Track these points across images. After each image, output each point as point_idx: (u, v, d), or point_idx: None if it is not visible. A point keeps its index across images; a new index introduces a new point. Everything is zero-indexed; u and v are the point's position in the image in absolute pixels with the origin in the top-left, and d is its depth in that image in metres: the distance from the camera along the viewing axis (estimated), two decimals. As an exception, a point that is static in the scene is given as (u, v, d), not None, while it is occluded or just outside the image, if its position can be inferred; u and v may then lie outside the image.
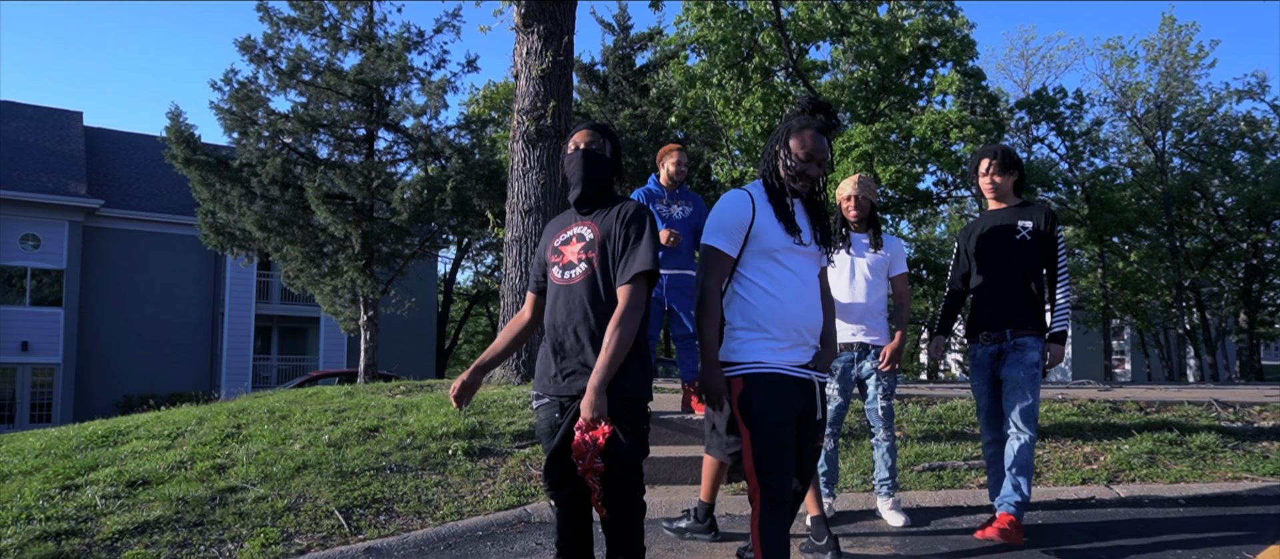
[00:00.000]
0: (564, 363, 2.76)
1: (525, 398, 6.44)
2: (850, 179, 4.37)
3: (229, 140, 12.27)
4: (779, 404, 2.64)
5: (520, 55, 8.19)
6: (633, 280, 2.67)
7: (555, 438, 2.77)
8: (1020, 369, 3.83)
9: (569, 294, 2.78)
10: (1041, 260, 3.91)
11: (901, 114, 20.65)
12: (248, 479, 4.75)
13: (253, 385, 25.30)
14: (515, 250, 7.90)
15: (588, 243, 2.79)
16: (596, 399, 2.55)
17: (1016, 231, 3.92)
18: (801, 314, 2.75)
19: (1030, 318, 3.86)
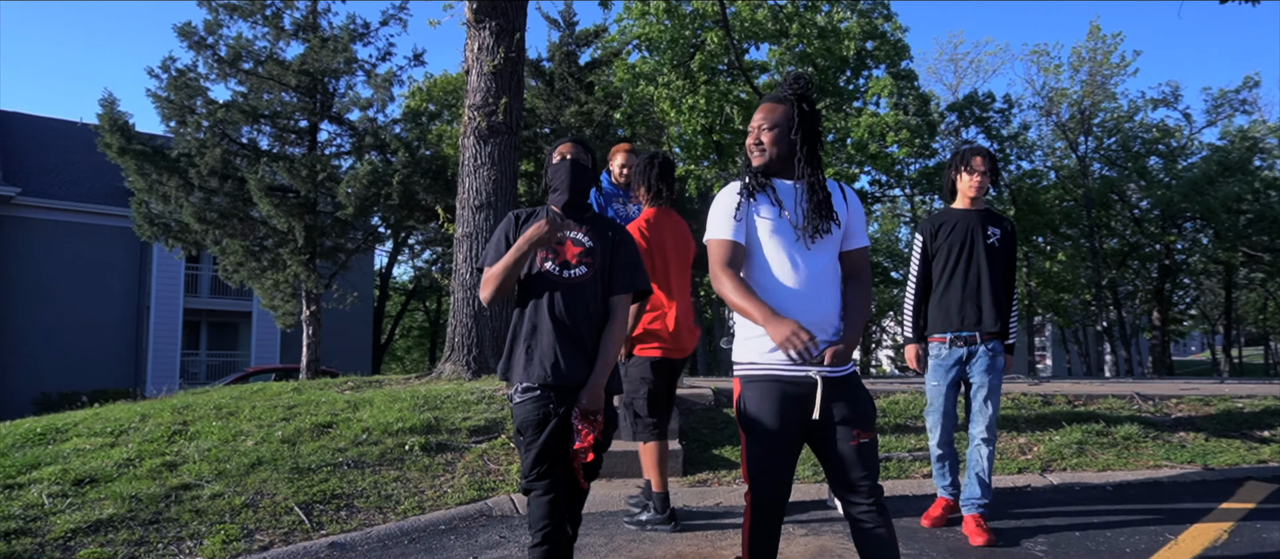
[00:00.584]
0: (568, 356, 2.89)
1: (479, 393, 6.47)
2: None
3: (166, 129, 11.91)
4: (771, 406, 2.49)
5: (472, 51, 8.19)
6: (632, 293, 3.05)
7: (547, 429, 2.86)
8: (995, 375, 3.94)
9: (571, 293, 2.94)
10: (1007, 269, 4.05)
11: (838, 115, 21.12)
12: (201, 476, 4.69)
13: (180, 382, 24.52)
14: (466, 246, 7.91)
15: (587, 249, 2.99)
16: (601, 395, 2.90)
17: (988, 236, 4.03)
18: (799, 307, 2.49)
19: (998, 322, 3.97)
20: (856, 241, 2.66)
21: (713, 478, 5.13)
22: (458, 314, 7.83)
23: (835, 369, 2.51)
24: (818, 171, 2.62)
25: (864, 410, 2.52)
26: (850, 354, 2.53)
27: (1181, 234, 27.08)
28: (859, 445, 2.49)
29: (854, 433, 2.49)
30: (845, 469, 2.50)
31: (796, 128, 2.59)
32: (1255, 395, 7.16)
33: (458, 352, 7.72)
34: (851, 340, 2.55)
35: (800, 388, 2.50)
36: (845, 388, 2.52)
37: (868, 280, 2.67)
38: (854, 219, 2.66)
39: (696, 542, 3.99)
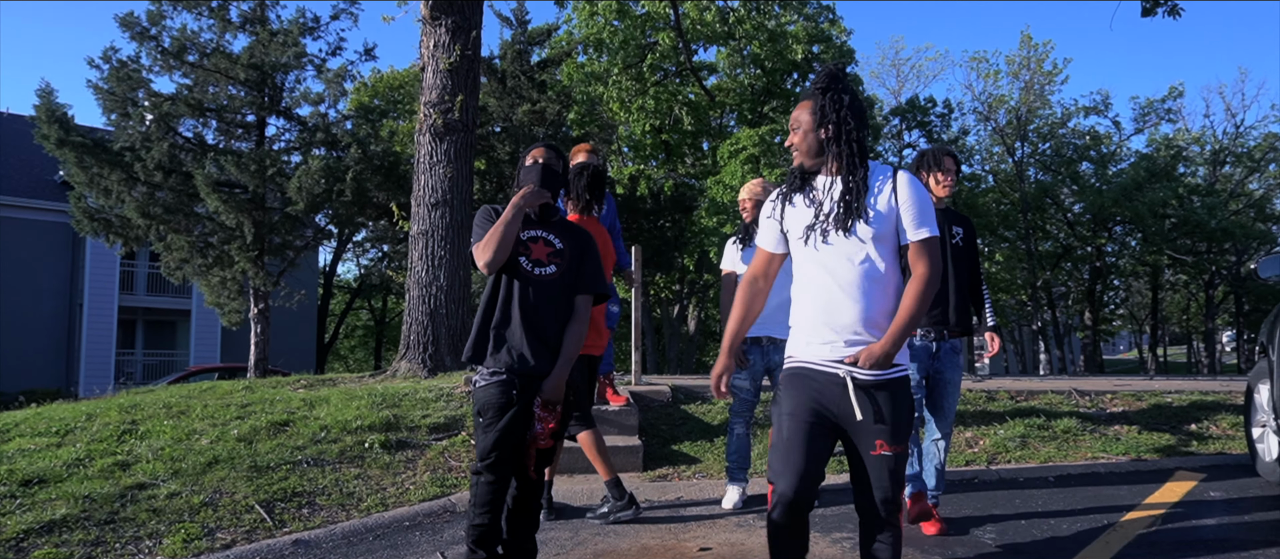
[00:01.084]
0: (535, 346, 3.11)
1: (437, 391, 6.46)
2: (746, 184, 4.73)
3: (107, 122, 11.52)
4: (796, 399, 2.44)
5: (427, 48, 8.16)
6: (593, 293, 3.24)
7: (507, 413, 3.06)
8: (957, 372, 4.07)
9: (540, 288, 3.16)
10: (971, 267, 4.19)
11: (786, 118, 21.43)
12: (156, 476, 4.62)
13: (116, 382, 23.76)
14: (421, 243, 7.87)
15: (557, 250, 3.23)
16: (562, 387, 3.03)
17: (953, 236, 4.14)
18: (821, 308, 2.45)
19: (962, 320, 4.09)
20: (911, 234, 2.44)
21: (673, 473, 5.23)
22: (413, 312, 7.79)
23: (870, 372, 2.38)
24: (852, 165, 2.46)
25: (894, 422, 2.38)
26: (883, 357, 2.35)
27: (1112, 237, 28.12)
28: (880, 457, 2.36)
29: (877, 443, 2.36)
30: (860, 479, 2.41)
31: (825, 122, 2.48)
32: (1182, 391, 7.52)
33: (413, 350, 7.68)
34: (887, 342, 2.36)
35: (832, 383, 2.41)
36: (880, 394, 2.39)
37: (922, 277, 2.40)
38: (906, 210, 2.43)
39: (661, 534, 4.08)
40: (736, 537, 4.00)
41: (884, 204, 2.45)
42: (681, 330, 25.29)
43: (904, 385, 2.43)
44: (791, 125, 2.56)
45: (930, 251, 2.43)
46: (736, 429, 4.63)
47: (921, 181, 4.35)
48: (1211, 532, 3.97)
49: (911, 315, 2.37)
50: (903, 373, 2.43)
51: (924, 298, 2.39)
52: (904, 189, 2.46)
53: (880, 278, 2.43)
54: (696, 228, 19.57)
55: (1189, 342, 43.33)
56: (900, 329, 2.36)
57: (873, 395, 2.39)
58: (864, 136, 2.49)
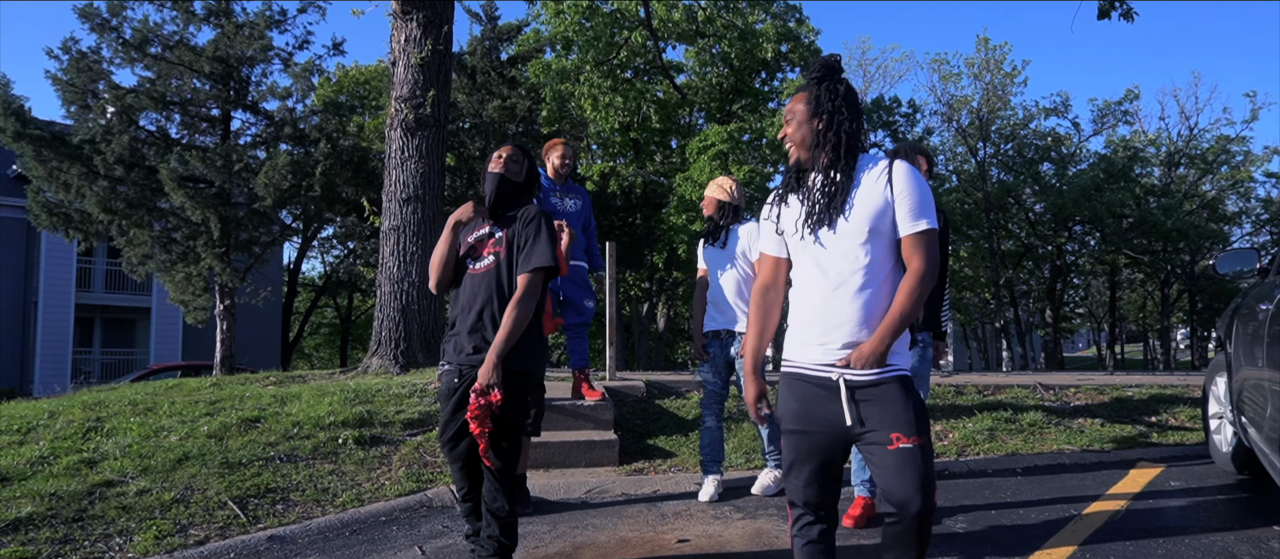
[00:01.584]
0: (470, 338, 3.26)
1: (410, 387, 6.42)
2: (713, 180, 4.80)
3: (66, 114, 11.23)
4: (793, 403, 2.39)
5: (398, 42, 8.10)
6: (531, 271, 3.21)
7: (452, 399, 3.28)
8: (924, 365, 4.07)
9: (477, 281, 3.32)
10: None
11: (754, 116, 21.57)
12: (125, 473, 4.55)
13: (73, 382, 23.23)
14: (392, 239, 7.82)
15: (496, 239, 3.32)
16: (492, 370, 3.09)
17: None
18: (819, 308, 2.35)
19: (928, 316, 4.08)
20: (904, 226, 2.30)
21: (649, 467, 5.25)
22: (384, 308, 7.73)
23: (863, 373, 2.28)
24: (839, 157, 2.35)
25: (904, 414, 2.25)
26: (872, 356, 2.24)
27: (1072, 236, 28.67)
28: (899, 450, 2.22)
29: (892, 437, 2.23)
30: (884, 479, 2.26)
31: (819, 112, 2.38)
32: (1143, 385, 7.71)
33: (385, 346, 7.62)
34: (876, 340, 2.25)
35: (826, 388, 2.33)
36: (879, 392, 2.27)
37: (916, 272, 2.27)
38: (901, 200, 2.30)
39: (639, 526, 4.10)
40: (713, 528, 4.04)
41: (877, 196, 2.32)
42: (651, 328, 25.34)
43: (904, 383, 2.29)
44: (785, 117, 2.47)
45: (927, 245, 2.29)
46: (707, 422, 4.68)
47: None
48: (1174, 518, 4.09)
49: (903, 312, 2.25)
50: (900, 371, 2.30)
51: (918, 295, 2.26)
52: (899, 178, 2.32)
53: (875, 275, 2.31)
54: (666, 225, 19.63)
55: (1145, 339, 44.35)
56: (891, 326, 2.25)
57: (872, 396, 2.27)
58: (857, 128, 2.39)
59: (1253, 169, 28.42)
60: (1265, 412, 3.67)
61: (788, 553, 3.63)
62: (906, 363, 2.34)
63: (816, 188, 2.39)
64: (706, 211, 4.76)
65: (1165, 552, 3.54)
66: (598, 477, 4.96)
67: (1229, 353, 4.64)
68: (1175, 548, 3.58)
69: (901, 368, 2.31)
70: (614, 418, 5.74)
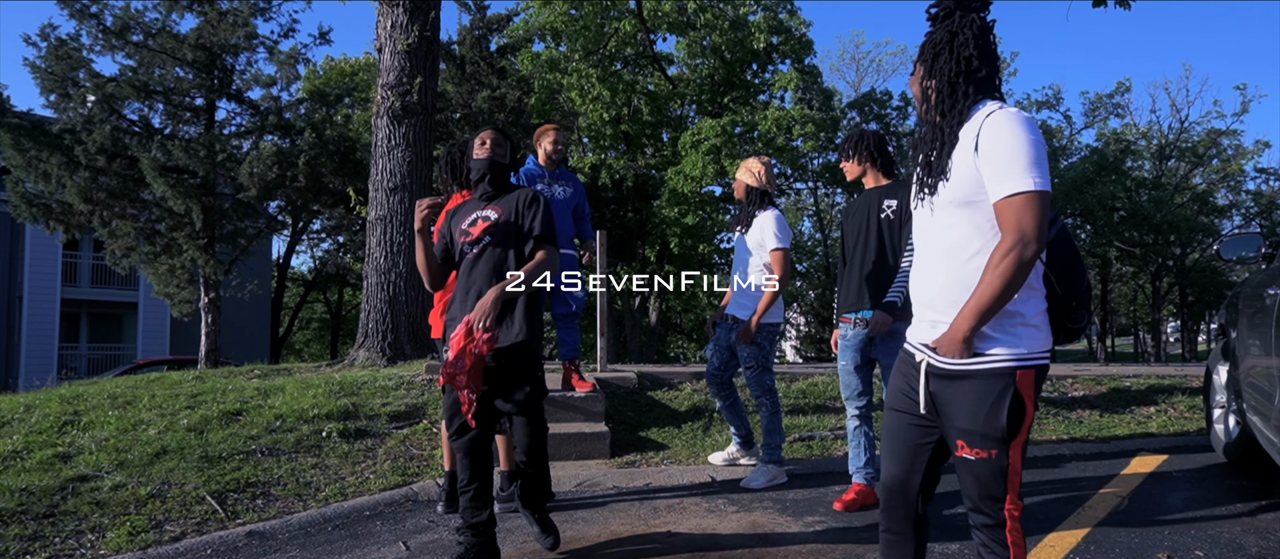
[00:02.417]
0: None
1: (396, 379, 6.29)
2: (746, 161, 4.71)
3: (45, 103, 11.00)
4: (892, 386, 2.23)
5: (384, 29, 7.95)
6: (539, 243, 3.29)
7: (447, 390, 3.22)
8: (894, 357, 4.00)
9: (477, 264, 3.30)
10: (906, 239, 3.94)
11: (746, 109, 21.43)
12: (100, 467, 4.41)
13: (58, 377, 22.98)
14: (379, 229, 7.68)
15: (493, 224, 3.31)
16: (490, 306, 3.06)
17: (882, 210, 3.97)
18: (918, 283, 2.16)
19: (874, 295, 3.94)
20: (992, 188, 1.94)
21: (641, 459, 5.13)
22: (371, 300, 7.59)
23: (945, 360, 2.02)
24: (952, 111, 2.05)
25: (976, 419, 1.96)
26: (952, 341, 1.98)
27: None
28: (963, 461, 2.02)
29: (958, 443, 2.01)
30: (961, 485, 2.06)
31: (940, 54, 2.08)
32: (1139, 376, 7.64)
33: (371, 338, 7.49)
34: (958, 323, 1.96)
35: (913, 367, 2.15)
36: (957, 387, 2.01)
37: (1004, 247, 1.90)
38: (987, 160, 1.94)
39: (630, 520, 3.98)
40: (707, 521, 3.93)
41: (967, 155, 1.99)
42: (643, 322, 25.22)
43: (993, 379, 1.96)
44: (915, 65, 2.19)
45: (1016, 213, 1.89)
46: (718, 404, 4.93)
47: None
48: (1178, 507, 3.99)
49: (984, 294, 1.92)
50: (993, 364, 1.96)
51: (1004, 274, 1.89)
52: (988, 132, 1.95)
53: (968, 249, 2.01)
54: (658, 218, 19.50)
55: (1135, 332, 44.48)
56: (971, 310, 1.94)
57: (950, 389, 2.02)
58: (973, 74, 2.04)
59: (1243, 162, 28.46)
60: (1274, 399, 3.58)
61: (782, 546, 3.52)
62: (1010, 354, 1.96)
63: (920, 148, 2.14)
64: (736, 195, 4.74)
65: (1171, 543, 3.44)
66: (588, 469, 4.84)
67: (1232, 340, 4.55)
68: (1180, 538, 3.49)
69: (994, 358, 1.96)
70: (605, 409, 5.62)
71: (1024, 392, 1.95)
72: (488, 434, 3.25)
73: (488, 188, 3.39)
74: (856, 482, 4.16)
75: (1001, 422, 1.94)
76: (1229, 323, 4.69)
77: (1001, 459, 1.97)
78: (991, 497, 2.00)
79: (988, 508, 2.01)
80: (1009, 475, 1.98)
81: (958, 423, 2.00)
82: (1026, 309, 1.98)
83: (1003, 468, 1.97)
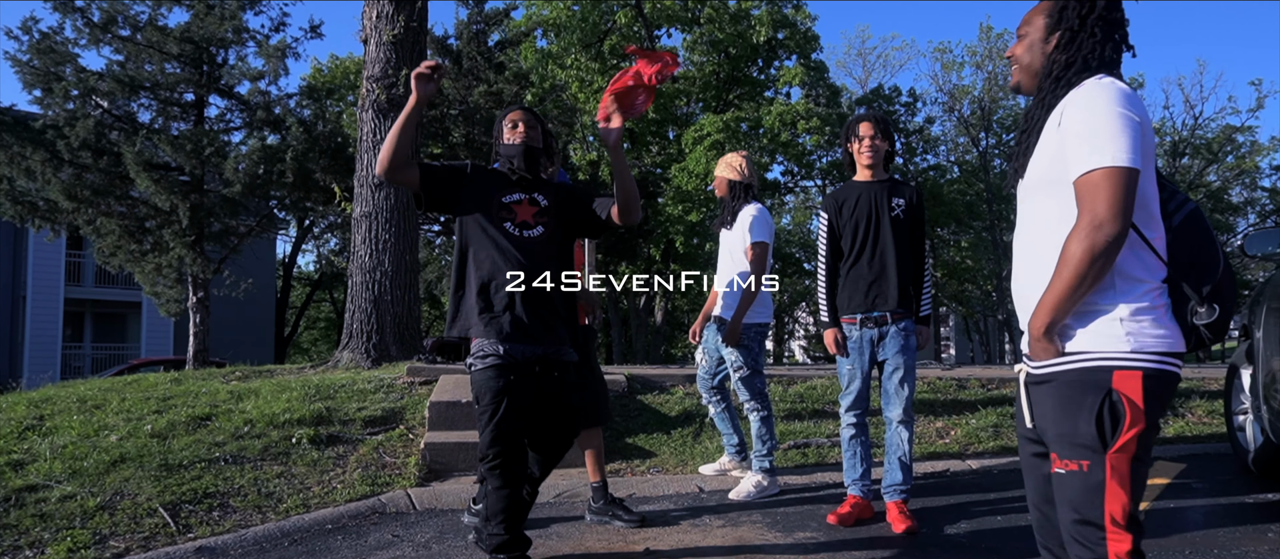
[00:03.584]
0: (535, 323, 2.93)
1: (376, 382, 6.05)
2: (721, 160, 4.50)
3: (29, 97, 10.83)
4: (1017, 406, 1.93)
5: (370, 19, 7.71)
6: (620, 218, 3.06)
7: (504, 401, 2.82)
8: (908, 354, 3.71)
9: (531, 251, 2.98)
10: (913, 240, 3.80)
11: (750, 105, 21.14)
12: (51, 476, 4.17)
13: (62, 376, 22.88)
14: (365, 226, 7.44)
15: (543, 209, 3.06)
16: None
17: (892, 208, 3.77)
18: (1014, 282, 1.90)
19: (908, 300, 3.75)
20: (1072, 165, 1.68)
21: (626, 468, 4.87)
22: (356, 299, 7.36)
23: (1035, 363, 1.77)
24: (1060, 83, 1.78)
25: (1065, 424, 1.69)
26: (1037, 340, 1.74)
27: (1074, 227, 28.23)
28: (1055, 478, 1.73)
29: (1052, 457, 1.74)
30: (1058, 513, 1.76)
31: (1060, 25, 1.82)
32: (1154, 377, 7.32)
33: (356, 339, 7.25)
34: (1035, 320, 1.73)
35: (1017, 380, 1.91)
36: (1044, 391, 1.75)
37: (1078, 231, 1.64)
38: (1069, 137, 1.69)
39: (607, 537, 3.72)
40: (689, 537, 3.66)
41: (1052, 130, 1.75)
42: (648, 321, 24.96)
43: (1078, 379, 1.68)
44: (1018, 34, 1.92)
45: (1089, 192, 1.63)
46: (711, 411, 4.73)
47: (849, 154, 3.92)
48: (1198, 520, 3.71)
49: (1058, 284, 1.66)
50: (1077, 363, 1.68)
51: (1074, 261, 1.64)
52: (1073, 102, 1.71)
53: (1054, 237, 1.74)
54: (662, 216, 19.23)
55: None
56: (1046, 302, 1.69)
57: (1040, 397, 1.77)
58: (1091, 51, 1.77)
59: (1258, 159, 27.96)
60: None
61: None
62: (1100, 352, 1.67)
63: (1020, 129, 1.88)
64: (717, 192, 4.49)
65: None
66: (569, 479, 4.58)
67: (1256, 342, 4.25)
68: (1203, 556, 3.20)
69: (1082, 359, 1.68)
70: (591, 414, 5.35)
71: (1126, 395, 1.63)
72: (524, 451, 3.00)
73: (525, 175, 3.11)
74: (852, 494, 3.89)
75: (1089, 427, 1.65)
76: (1252, 323, 4.39)
77: (1096, 472, 1.65)
78: (1087, 521, 1.66)
79: (1084, 538, 1.67)
80: (1107, 496, 1.64)
81: (1048, 432, 1.74)
82: (1128, 302, 1.68)
83: (1098, 483, 1.64)
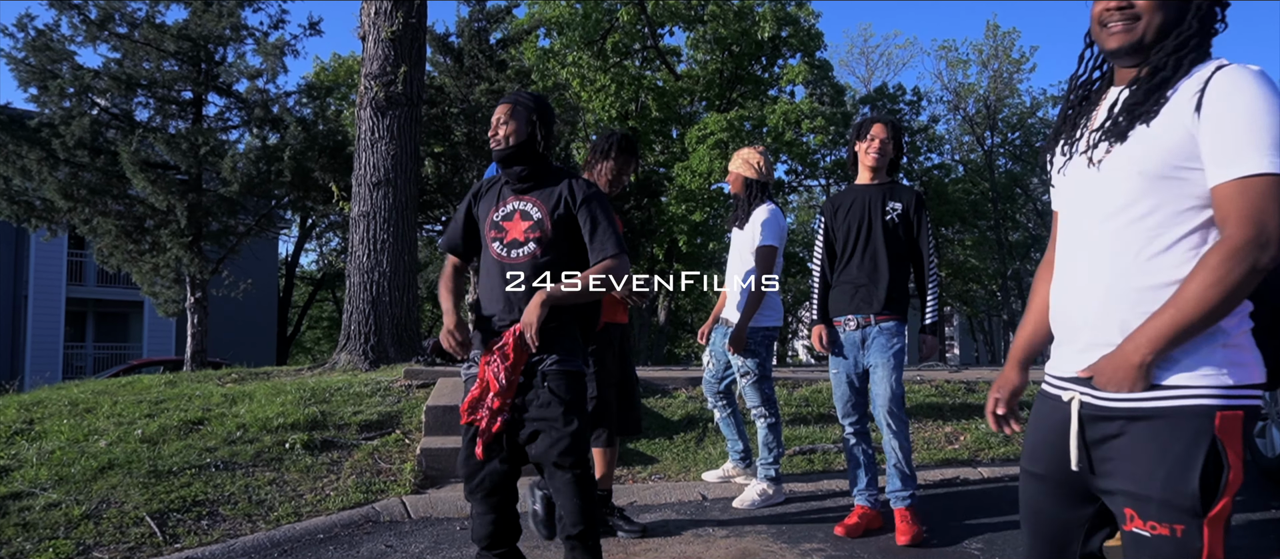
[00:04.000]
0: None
1: (373, 385, 5.94)
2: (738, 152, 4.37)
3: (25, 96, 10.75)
4: (1029, 442, 1.66)
5: (368, 15, 7.60)
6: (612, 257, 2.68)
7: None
8: (888, 355, 3.61)
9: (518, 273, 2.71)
10: (909, 245, 3.72)
11: (754, 103, 21.01)
12: (37, 483, 4.06)
13: (64, 376, 22.83)
14: (362, 226, 7.33)
15: (534, 222, 2.71)
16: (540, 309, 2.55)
17: (886, 212, 3.70)
18: (1060, 286, 1.59)
19: (895, 302, 3.66)
20: (1215, 169, 1.38)
21: (627, 475, 4.75)
22: (354, 300, 7.25)
23: (1109, 395, 1.44)
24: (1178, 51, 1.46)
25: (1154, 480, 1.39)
26: (1132, 370, 1.40)
27: (1081, 227, 28.06)
28: (1134, 538, 1.42)
29: (1126, 512, 1.43)
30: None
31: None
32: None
33: (354, 340, 7.14)
34: (1137, 343, 1.40)
35: (1059, 410, 1.54)
36: (1131, 433, 1.43)
37: (1230, 243, 1.36)
38: (1214, 129, 1.39)
39: (606, 546, 3.58)
40: (691, 548, 3.54)
41: (1182, 114, 1.42)
42: (652, 321, 24.84)
43: (1181, 421, 1.39)
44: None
45: (1253, 202, 1.35)
46: (716, 416, 4.62)
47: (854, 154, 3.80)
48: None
49: (1195, 305, 1.36)
50: (1180, 399, 1.39)
51: (1227, 279, 1.35)
52: (1220, 90, 1.40)
53: (1155, 239, 1.44)
54: (665, 215, 19.11)
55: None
56: (1166, 324, 1.38)
57: (1112, 434, 1.45)
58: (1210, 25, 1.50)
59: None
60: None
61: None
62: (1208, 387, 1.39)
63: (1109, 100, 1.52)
64: (731, 188, 4.36)
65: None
66: (569, 486, 4.45)
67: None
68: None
69: (1186, 395, 1.39)
70: (592, 419, 5.24)
71: (1227, 442, 1.37)
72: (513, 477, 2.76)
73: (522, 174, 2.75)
74: (858, 504, 3.77)
75: (1192, 485, 1.36)
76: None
77: (1192, 539, 1.37)
78: None
79: None
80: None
81: (1126, 485, 1.43)
82: (1233, 326, 1.41)
83: (1194, 553, 1.37)
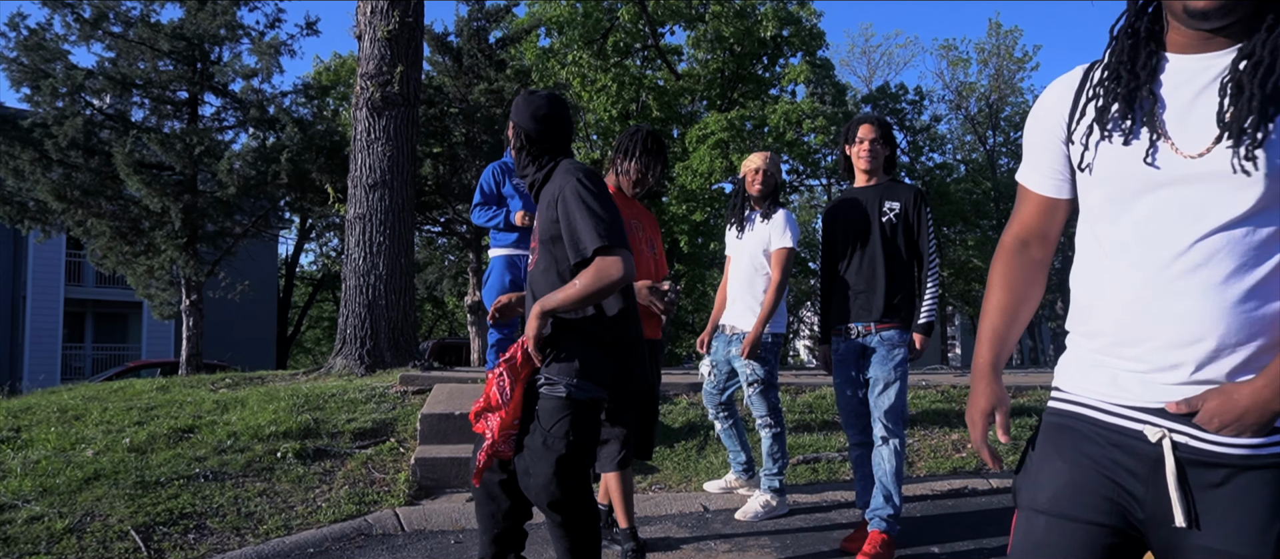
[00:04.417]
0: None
1: (367, 391, 5.83)
2: (759, 152, 4.19)
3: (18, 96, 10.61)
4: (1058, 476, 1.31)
5: (364, 14, 7.49)
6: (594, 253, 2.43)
7: None
8: (888, 365, 3.47)
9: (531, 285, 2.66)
10: (909, 245, 3.57)
11: (755, 103, 20.89)
12: (20, 495, 3.95)
13: (62, 377, 22.74)
14: (359, 228, 7.22)
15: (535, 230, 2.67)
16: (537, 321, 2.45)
17: (883, 213, 3.57)
18: (1138, 299, 1.23)
19: (897, 309, 3.52)
20: None
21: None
22: (350, 303, 7.13)
23: (1224, 440, 1.17)
24: None
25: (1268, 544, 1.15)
26: (1255, 409, 1.15)
27: (1083, 226, 27.95)
28: None
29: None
30: None
31: None
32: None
33: (349, 345, 7.03)
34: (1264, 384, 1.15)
35: (1129, 449, 1.24)
36: (1245, 483, 1.17)
37: None
38: None
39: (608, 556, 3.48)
40: (694, 564, 3.43)
41: None
42: (651, 321, 24.71)
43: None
44: None
45: None
46: (717, 427, 4.43)
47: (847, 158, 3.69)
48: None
49: None
50: None
51: None
52: None
53: (1261, 253, 1.17)
54: (665, 216, 19.01)
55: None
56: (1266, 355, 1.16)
57: (1221, 483, 1.18)
58: None
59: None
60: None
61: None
62: None
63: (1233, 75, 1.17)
64: (750, 187, 4.09)
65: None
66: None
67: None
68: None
69: None
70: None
71: None
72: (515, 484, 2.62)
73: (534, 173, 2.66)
74: (873, 530, 3.56)
75: None
76: None
77: None
78: None
79: None
80: None
81: (1225, 544, 1.16)
82: None
83: None
